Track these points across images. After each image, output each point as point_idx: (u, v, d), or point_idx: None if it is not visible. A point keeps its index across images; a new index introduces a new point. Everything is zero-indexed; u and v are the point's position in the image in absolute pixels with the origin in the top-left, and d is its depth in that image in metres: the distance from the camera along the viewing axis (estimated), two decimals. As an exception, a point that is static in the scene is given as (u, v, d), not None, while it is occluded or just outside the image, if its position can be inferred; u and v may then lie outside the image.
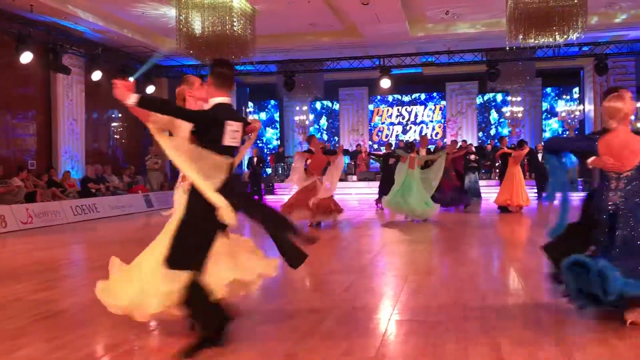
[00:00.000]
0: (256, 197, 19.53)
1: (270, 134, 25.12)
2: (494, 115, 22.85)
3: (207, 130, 3.60)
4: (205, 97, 3.83)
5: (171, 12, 13.09)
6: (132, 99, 3.48)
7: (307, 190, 10.37)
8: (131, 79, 3.59)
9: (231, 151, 3.70)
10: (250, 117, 11.77)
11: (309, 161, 10.72)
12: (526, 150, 13.63)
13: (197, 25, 11.56)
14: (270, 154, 23.36)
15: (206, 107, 3.74)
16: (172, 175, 19.72)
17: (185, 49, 11.92)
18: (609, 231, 3.97)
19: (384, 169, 14.42)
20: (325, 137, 24.13)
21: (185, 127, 3.80)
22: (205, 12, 11.44)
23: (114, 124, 18.20)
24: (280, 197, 20.34)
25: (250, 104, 23.99)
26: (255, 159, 19.70)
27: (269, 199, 20.10)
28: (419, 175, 11.45)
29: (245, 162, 21.02)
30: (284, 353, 3.60)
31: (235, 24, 11.74)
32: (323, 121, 24.50)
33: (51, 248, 9.02)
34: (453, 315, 4.29)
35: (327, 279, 5.94)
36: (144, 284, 3.69)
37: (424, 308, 4.62)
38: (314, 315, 4.43)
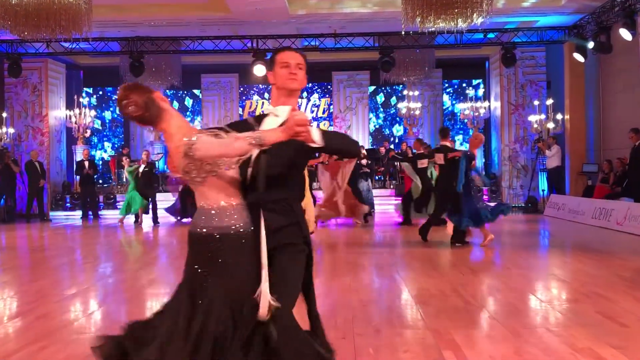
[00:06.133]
0: (90, 212, 18.33)
1: (109, 131, 24.39)
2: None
3: None
4: None
5: (-22, -30, 12.41)
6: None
7: None
8: None
9: None
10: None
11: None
12: None
13: (14, -11, 11.06)
14: (112, 156, 22.40)
15: None
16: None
17: (-3, 20, 11.34)
18: None
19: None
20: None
21: None
22: (26, -27, 10.98)
23: None
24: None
25: (85, 91, 23.08)
26: (86, 163, 18.37)
27: (108, 215, 19.03)
28: None
29: (74, 168, 19.79)
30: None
31: (65, -11, 11.36)
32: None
33: None
34: (343, 354, 4.44)
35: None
36: None
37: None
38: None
